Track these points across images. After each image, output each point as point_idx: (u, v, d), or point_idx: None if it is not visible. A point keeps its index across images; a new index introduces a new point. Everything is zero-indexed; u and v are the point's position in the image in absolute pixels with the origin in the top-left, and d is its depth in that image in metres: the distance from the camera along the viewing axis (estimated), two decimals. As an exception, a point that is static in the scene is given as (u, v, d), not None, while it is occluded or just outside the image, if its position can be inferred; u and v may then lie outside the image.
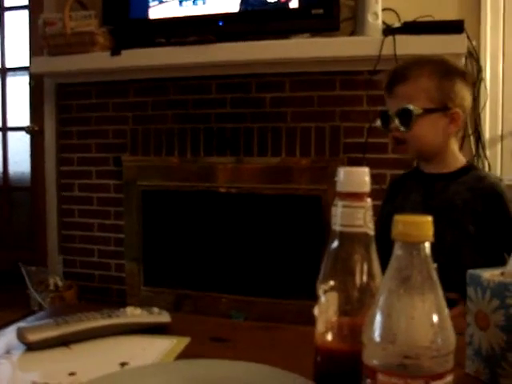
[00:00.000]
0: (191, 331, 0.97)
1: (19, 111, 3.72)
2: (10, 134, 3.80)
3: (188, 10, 2.94)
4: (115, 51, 2.99)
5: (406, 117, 1.55)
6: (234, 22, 2.87)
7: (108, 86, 3.21)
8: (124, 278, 3.25)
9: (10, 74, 3.77)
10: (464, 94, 1.59)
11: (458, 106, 1.57)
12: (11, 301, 3.18)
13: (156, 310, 1.01)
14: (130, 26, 3.08)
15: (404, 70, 1.59)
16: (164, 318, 1.00)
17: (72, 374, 0.80)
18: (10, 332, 0.96)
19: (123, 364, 0.84)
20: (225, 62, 2.86)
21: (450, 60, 1.65)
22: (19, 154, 3.76)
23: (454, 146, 1.65)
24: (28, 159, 3.69)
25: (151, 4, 3.00)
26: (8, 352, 0.89)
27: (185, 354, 0.87)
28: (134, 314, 0.97)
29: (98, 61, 3.05)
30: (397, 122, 1.57)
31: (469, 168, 1.64)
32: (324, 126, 2.83)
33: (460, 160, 1.65)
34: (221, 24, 2.86)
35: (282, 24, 2.81)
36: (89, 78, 3.21)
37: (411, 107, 1.54)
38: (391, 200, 1.74)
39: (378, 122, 1.64)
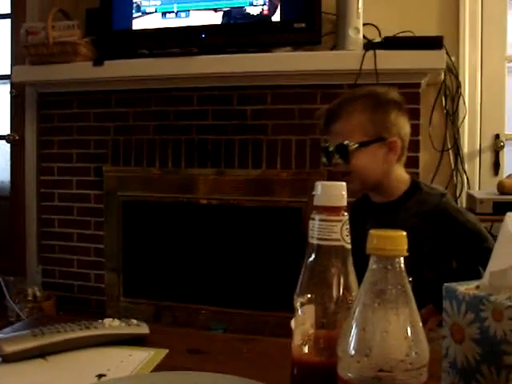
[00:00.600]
0: (169, 343, 0.97)
1: (-1, 120, 3.70)
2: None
3: (171, 22, 2.95)
4: (98, 62, 2.99)
5: (344, 152, 1.60)
6: (217, 34, 2.88)
7: (90, 96, 3.20)
8: (103, 289, 3.23)
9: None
10: (400, 122, 1.64)
11: (394, 135, 1.61)
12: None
13: (134, 321, 1.01)
14: (112, 36, 3.07)
15: (337, 109, 1.65)
16: (142, 329, 1.00)
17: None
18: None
19: (100, 376, 0.84)
20: (207, 74, 2.86)
21: (383, 92, 1.68)
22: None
23: (398, 171, 1.68)
24: (8, 168, 3.66)
25: (134, 15, 3.00)
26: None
27: (162, 366, 0.87)
28: (112, 326, 0.97)
29: (81, 71, 3.04)
30: (337, 157, 1.62)
31: (412, 190, 1.66)
32: (305, 139, 2.84)
33: (404, 182, 1.68)
34: (203, 36, 2.87)
35: (265, 37, 2.83)
36: (71, 87, 3.20)
37: (347, 143, 1.59)
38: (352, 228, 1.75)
39: (323, 159, 1.68)
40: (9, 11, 3.58)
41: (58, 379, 0.83)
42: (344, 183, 0.67)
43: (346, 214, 0.66)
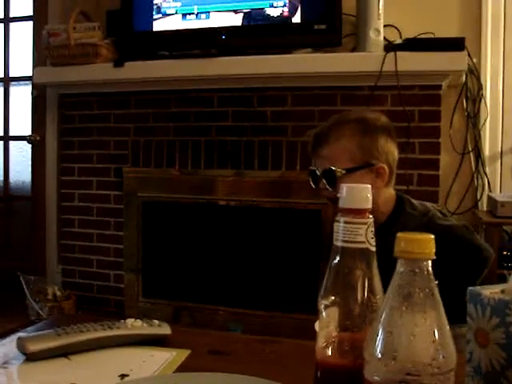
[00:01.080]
0: (191, 344, 0.97)
1: (21, 121, 3.73)
2: (11, 143, 3.80)
3: (191, 24, 2.96)
4: (118, 63, 3.01)
5: (331, 177, 1.58)
6: (237, 35, 2.89)
7: (110, 97, 3.22)
8: (122, 289, 3.25)
9: (13, 83, 3.78)
10: (388, 148, 1.62)
11: (382, 162, 1.60)
12: (10, 310, 3.17)
13: (156, 322, 1.01)
14: (133, 38, 3.09)
15: (325, 133, 1.63)
16: (164, 330, 1.00)
17: (72, 385, 0.80)
18: (10, 342, 0.96)
19: (123, 376, 0.84)
20: (227, 76, 2.87)
21: (372, 117, 1.66)
22: (20, 164, 3.77)
23: (386, 194, 1.65)
24: (29, 169, 3.69)
25: (155, 17, 3.02)
26: (7, 362, 0.89)
27: (184, 367, 0.87)
28: (134, 326, 0.97)
29: (101, 72, 3.06)
30: (324, 182, 1.59)
31: (398, 211, 1.64)
32: (325, 141, 2.83)
33: (391, 202, 1.66)
34: (223, 38, 2.87)
35: (285, 39, 2.83)
36: (91, 88, 3.22)
37: (334, 168, 1.57)
38: None
39: (311, 182, 1.65)
40: (31, 13, 3.61)
41: (81, 378, 0.83)
42: (369, 186, 0.66)
43: (371, 216, 0.66)
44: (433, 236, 0.54)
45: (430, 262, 0.53)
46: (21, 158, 3.76)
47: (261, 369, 0.82)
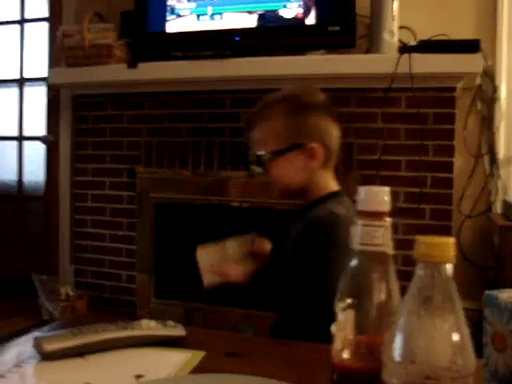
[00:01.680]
0: (205, 345, 0.97)
1: (35, 121, 3.76)
2: (25, 143, 3.83)
3: (205, 25, 2.96)
4: (132, 64, 3.02)
5: (260, 162, 1.53)
6: (251, 37, 2.89)
7: (124, 98, 3.24)
8: (134, 290, 3.25)
9: (27, 84, 3.81)
10: (322, 126, 1.52)
11: (314, 141, 1.49)
12: (22, 309, 3.19)
13: (171, 322, 1.01)
14: (146, 39, 3.10)
15: (253, 116, 1.58)
16: (179, 331, 1.00)
17: (87, 384, 0.80)
18: (25, 341, 0.97)
19: (138, 376, 0.84)
20: (240, 77, 2.87)
21: (300, 94, 1.58)
22: (34, 164, 3.79)
23: (323, 177, 1.55)
24: (42, 169, 3.71)
25: (168, 18, 3.03)
26: (22, 361, 0.89)
27: (200, 368, 0.87)
28: (149, 327, 0.98)
29: (115, 73, 3.07)
30: (256, 167, 1.55)
31: (321, 200, 1.52)
32: (338, 143, 2.82)
33: (322, 191, 1.54)
34: (237, 39, 2.88)
35: (298, 40, 2.83)
36: (105, 89, 3.24)
37: (261, 152, 1.52)
38: None
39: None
40: (47, 15, 3.64)
41: (96, 378, 0.83)
42: (387, 188, 0.66)
43: (388, 219, 0.66)
44: (452, 240, 0.53)
45: (449, 266, 0.53)
46: (34, 158, 3.78)
47: (277, 371, 0.82)
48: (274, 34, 2.87)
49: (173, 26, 3.03)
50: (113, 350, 0.94)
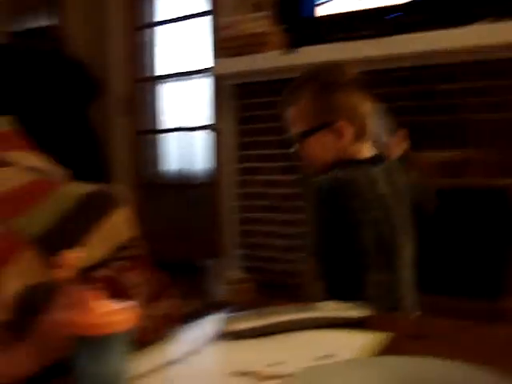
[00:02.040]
0: (387, 327, 0.95)
1: (199, 111, 3.94)
2: (193, 133, 4.03)
3: (360, 4, 2.93)
4: (291, 49, 3.05)
5: (292, 142, 1.61)
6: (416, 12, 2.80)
7: (284, 84, 3.26)
8: (302, 273, 3.29)
9: (192, 77, 4.01)
10: (350, 104, 1.54)
11: (343, 119, 1.52)
12: (192, 292, 3.33)
13: (351, 304, 1.01)
14: (302, 24, 3.13)
15: (285, 97, 1.63)
16: (362, 312, 1.00)
17: (272, 364, 0.82)
18: (209, 322, 1.04)
19: (324, 357, 0.85)
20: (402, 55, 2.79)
21: (330, 72, 1.60)
22: (198, 152, 3.98)
23: (355, 150, 1.56)
24: (208, 156, 3.88)
25: (321, 1, 3.03)
26: (209, 341, 0.94)
27: (385, 351, 0.86)
28: (332, 308, 0.99)
29: (273, 60, 3.13)
30: (294, 145, 1.61)
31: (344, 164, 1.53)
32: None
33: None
34: (399, 15, 2.80)
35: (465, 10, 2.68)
36: (264, 77, 3.30)
37: (292, 133, 1.60)
38: None
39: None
40: (210, 8, 3.81)
41: (282, 359, 0.85)
42: None
43: None
44: None
45: None
46: (200, 146, 3.97)
47: (466, 354, 0.78)
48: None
49: (328, 8, 3.02)
50: (293, 331, 0.96)
